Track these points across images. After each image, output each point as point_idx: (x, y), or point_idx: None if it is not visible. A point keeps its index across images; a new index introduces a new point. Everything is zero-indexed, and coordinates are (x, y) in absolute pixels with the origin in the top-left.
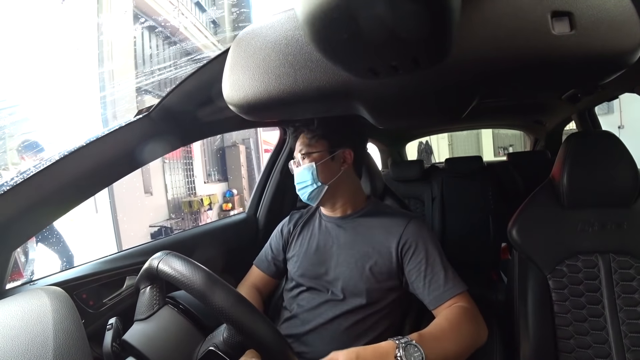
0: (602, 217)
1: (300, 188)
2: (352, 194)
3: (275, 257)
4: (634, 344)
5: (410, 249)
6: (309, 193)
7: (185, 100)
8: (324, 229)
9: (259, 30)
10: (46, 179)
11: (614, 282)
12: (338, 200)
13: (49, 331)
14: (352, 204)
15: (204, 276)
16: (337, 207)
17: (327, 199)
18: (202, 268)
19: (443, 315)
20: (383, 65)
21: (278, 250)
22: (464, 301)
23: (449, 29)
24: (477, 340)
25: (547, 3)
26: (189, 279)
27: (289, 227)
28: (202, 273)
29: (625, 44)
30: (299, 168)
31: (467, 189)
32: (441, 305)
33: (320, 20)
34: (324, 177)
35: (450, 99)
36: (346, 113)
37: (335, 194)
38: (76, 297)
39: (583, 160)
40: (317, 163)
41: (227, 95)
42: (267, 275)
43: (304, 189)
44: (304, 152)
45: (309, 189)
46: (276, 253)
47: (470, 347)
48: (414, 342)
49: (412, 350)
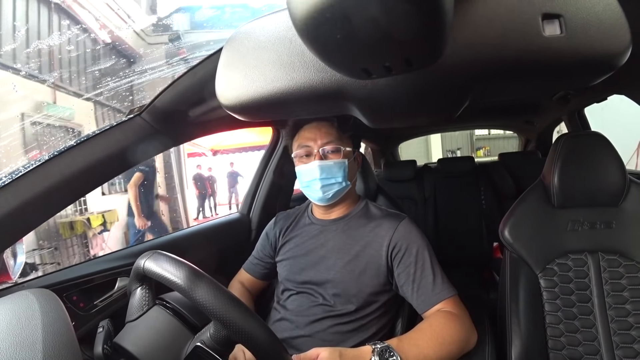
0: (591, 216)
1: (324, 184)
2: (353, 196)
3: (263, 261)
4: (623, 341)
5: (400, 252)
6: (334, 191)
7: (178, 100)
8: (314, 231)
9: (253, 29)
10: (35, 180)
11: (603, 280)
12: (346, 201)
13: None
14: (349, 206)
15: (187, 271)
16: (337, 208)
17: (343, 199)
18: (186, 264)
19: (427, 320)
20: (376, 66)
21: (265, 254)
22: (452, 306)
23: (441, 30)
24: (463, 347)
25: (538, 5)
26: (174, 275)
27: (274, 231)
28: (186, 268)
29: (614, 46)
30: (326, 162)
31: (459, 189)
32: (429, 309)
33: (313, 20)
34: (350, 176)
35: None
36: (339, 113)
37: (347, 195)
38: (66, 299)
39: (573, 160)
40: (349, 160)
41: (220, 94)
42: (254, 277)
43: (329, 186)
44: (333, 145)
45: (336, 187)
46: (263, 257)
47: (454, 353)
48: (391, 348)
49: (387, 355)
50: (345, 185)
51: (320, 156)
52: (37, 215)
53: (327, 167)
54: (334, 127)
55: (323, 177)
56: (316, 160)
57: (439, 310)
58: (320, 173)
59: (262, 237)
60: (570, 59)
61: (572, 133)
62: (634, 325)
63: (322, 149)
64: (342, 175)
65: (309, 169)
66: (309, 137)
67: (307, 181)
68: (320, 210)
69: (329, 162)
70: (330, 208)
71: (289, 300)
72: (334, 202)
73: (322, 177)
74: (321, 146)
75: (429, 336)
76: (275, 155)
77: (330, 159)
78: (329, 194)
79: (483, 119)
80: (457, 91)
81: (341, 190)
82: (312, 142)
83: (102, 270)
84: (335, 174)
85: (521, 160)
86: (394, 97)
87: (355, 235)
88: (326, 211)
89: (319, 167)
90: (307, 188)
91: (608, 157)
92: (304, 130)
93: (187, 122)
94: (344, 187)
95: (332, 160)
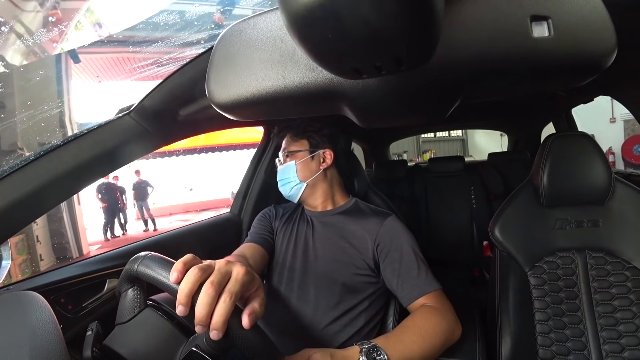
0: (578, 215)
1: (282, 185)
2: (331, 192)
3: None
4: (610, 336)
5: (385, 247)
6: (289, 189)
7: (167, 99)
8: (305, 223)
9: (244, 28)
10: (21, 180)
11: (590, 278)
12: (317, 197)
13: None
14: (332, 201)
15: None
16: (317, 203)
17: (306, 196)
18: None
19: (410, 317)
20: (367, 66)
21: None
22: (435, 300)
23: (432, 31)
24: (447, 338)
25: (527, 7)
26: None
27: (272, 213)
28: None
29: (601, 48)
30: (282, 165)
31: (449, 188)
32: (413, 302)
33: (304, 19)
34: (303, 176)
35: (433, 100)
36: (330, 113)
37: (315, 191)
38: (54, 301)
39: (560, 160)
40: (297, 162)
41: (210, 94)
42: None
43: (284, 185)
44: (286, 150)
45: (289, 186)
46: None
47: (439, 346)
48: (377, 346)
49: (375, 354)
50: (296, 183)
51: (281, 161)
52: (23, 216)
53: (281, 170)
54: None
55: (280, 178)
56: (279, 165)
57: (422, 305)
58: (279, 174)
59: (260, 217)
60: (558, 60)
61: (560, 133)
62: (620, 321)
63: (283, 155)
64: (291, 175)
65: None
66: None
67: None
68: (305, 204)
69: (281, 166)
70: (310, 203)
71: (277, 294)
72: (303, 198)
73: (280, 178)
74: (282, 152)
75: (412, 331)
76: (267, 155)
77: (284, 163)
78: (285, 192)
79: (472, 119)
80: (448, 91)
81: (295, 188)
82: (281, 150)
83: (91, 272)
84: (285, 175)
85: (510, 160)
86: (385, 97)
87: (344, 229)
88: (307, 206)
89: (278, 170)
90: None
91: (594, 157)
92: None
93: (177, 122)
94: (297, 185)
95: (284, 164)
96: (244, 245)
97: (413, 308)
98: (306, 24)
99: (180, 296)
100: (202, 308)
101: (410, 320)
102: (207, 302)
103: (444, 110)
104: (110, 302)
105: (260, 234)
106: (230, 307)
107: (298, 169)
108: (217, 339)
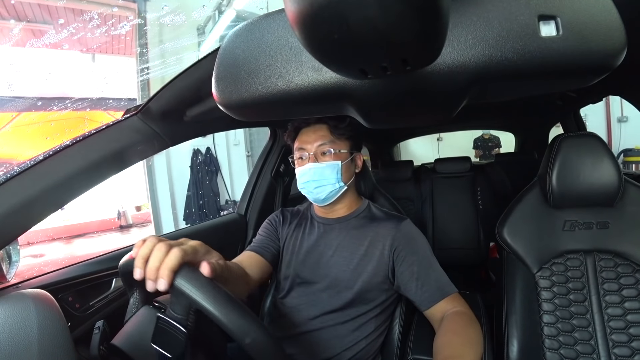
0: (587, 216)
1: (317, 186)
2: (354, 197)
3: (271, 241)
4: (620, 340)
5: (402, 252)
6: (327, 192)
7: (174, 100)
8: (316, 229)
9: (250, 29)
10: (30, 179)
11: (600, 280)
12: (345, 202)
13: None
14: (350, 206)
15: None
16: (338, 208)
17: (338, 200)
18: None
19: (449, 329)
20: (373, 66)
21: (272, 239)
22: (457, 303)
23: (439, 31)
24: (482, 341)
25: (534, 6)
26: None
27: (279, 219)
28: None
29: (610, 47)
30: (318, 164)
31: (456, 189)
32: (434, 306)
33: (310, 20)
34: (346, 178)
35: (440, 100)
36: (336, 113)
37: (346, 196)
38: (62, 300)
39: (569, 161)
40: (342, 162)
41: (216, 94)
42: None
43: (321, 187)
44: (327, 147)
45: (329, 189)
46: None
47: (482, 349)
48: None
49: None
50: (339, 186)
51: (314, 159)
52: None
53: (320, 169)
54: (329, 129)
55: (316, 178)
56: (310, 163)
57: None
58: (313, 175)
59: (266, 225)
60: (566, 60)
61: (568, 134)
62: (629, 324)
63: (315, 152)
64: (336, 177)
65: (303, 171)
66: (305, 140)
67: (303, 183)
68: (321, 210)
69: (321, 165)
70: (329, 208)
71: (287, 299)
72: (332, 203)
73: (316, 178)
74: (316, 149)
75: (461, 345)
76: (272, 156)
77: (324, 161)
78: (322, 195)
79: (479, 119)
80: (454, 92)
81: (335, 191)
82: (308, 144)
83: (98, 271)
84: (327, 176)
85: (517, 161)
86: (391, 98)
87: (359, 235)
88: (326, 210)
89: (311, 169)
90: (303, 189)
91: (603, 158)
92: (302, 134)
93: (184, 122)
94: (338, 189)
95: (325, 163)
96: (244, 253)
97: (434, 311)
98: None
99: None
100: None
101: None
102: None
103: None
104: (116, 300)
105: (263, 245)
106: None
107: (343, 170)
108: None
